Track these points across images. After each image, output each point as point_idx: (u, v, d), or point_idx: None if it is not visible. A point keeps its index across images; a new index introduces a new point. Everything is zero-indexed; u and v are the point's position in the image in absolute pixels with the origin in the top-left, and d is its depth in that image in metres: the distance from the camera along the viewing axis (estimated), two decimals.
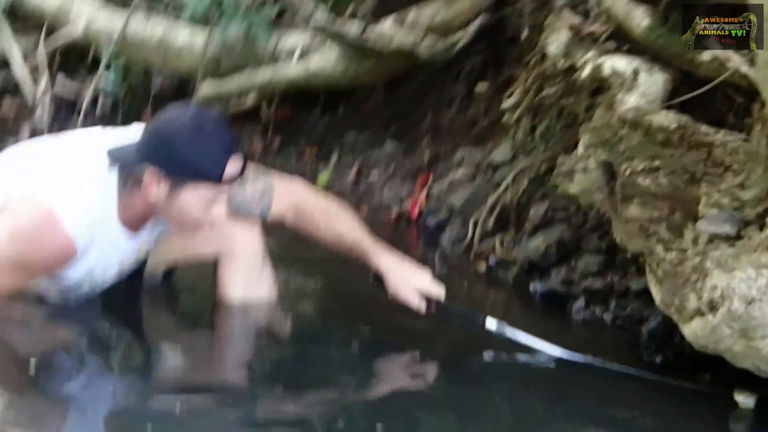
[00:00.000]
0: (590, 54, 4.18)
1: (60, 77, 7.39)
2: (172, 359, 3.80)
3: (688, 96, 3.80)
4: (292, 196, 3.85)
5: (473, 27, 5.69)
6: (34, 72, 7.36)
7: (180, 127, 3.41)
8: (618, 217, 3.61)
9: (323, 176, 6.11)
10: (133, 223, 3.61)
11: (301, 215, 3.83)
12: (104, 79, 7.02)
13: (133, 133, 3.59)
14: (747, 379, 3.27)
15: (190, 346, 3.89)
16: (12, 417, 3.08)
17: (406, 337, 3.87)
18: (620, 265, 4.26)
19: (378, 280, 3.76)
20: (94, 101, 7.12)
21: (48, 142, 3.75)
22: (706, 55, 3.72)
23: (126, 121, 6.83)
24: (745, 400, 3.35)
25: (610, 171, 3.62)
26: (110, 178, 3.51)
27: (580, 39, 4.33)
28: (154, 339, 3.99)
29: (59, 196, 3.43)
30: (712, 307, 3.12)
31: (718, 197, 3.28)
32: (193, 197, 3.45)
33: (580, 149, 3.80)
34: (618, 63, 4.03)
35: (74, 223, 3.43)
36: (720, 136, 3.47)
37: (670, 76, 3.92)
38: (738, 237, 3.19)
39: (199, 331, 4.07)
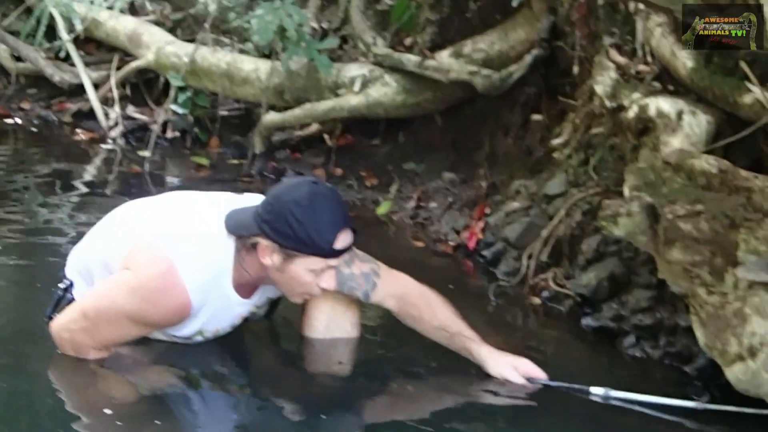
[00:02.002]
0: (636, 95, 4.21)
1: (130, 105, 7.57)
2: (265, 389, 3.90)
3: (731, 139, 3.83)
4: (397, 282, 3.97)
5: (528, 59, 5.76)
6: (106, 100, 7.56)
7: (294, 201, 3.53)
8: (662, 258, 3.65)
9: (384, 205, 6.17)
10: (245, 287, 3.77)
11: (405, 302, 3.94)
12: (173, 107, 7.15)
13: (251, 200, 3.76)
14: None
15: (280, 377, 4.00)
16: None
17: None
18: (670, 300, 4.28)
19: None
20: (164, 128, 7.26)
21: (174, 199, 3.91)
22: (748, 98, 3.75)
23: (193, 147, 7.08)
24: None
25: (653, 214, 3.64)
26: (228, 244, 3.66)
27: (626, 78, 4.37)
28: (254, 371, 4.07)
29: (182, 257, 3.57)
30: (752, 353, 3.18)
31: (757, 244, 3.30)
32: (304, 268, 3.60)
33: (626, 192, 3.84)
34: (663, 104, 4.07)
35: (193, 285, 3.57)
36: (759, 181, 3.48)
37: (714, 117, 3.96)
38: None
39: (289, 364, 4.16)
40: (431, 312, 3.90)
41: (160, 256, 3.56)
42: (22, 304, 4.38)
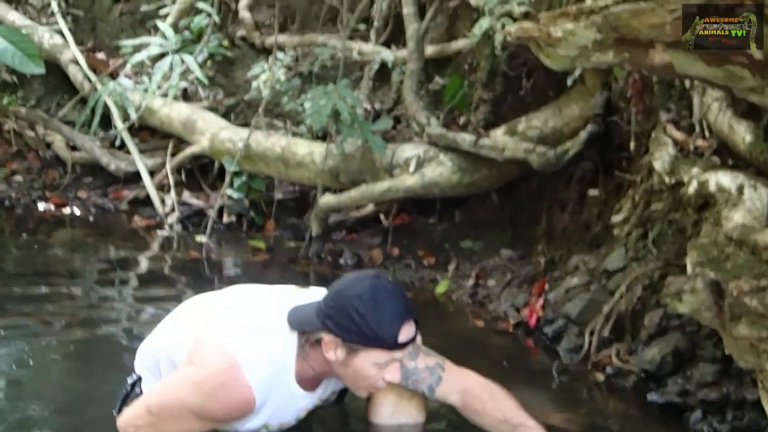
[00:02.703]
0: (695, 170, 4.21)
1: (186, 191, 7.66)
2: None
3: None
4: (461, 377, 3.97)
5: (583, 135, 5.77)
6: (162, 187, 7.66)
7: (356, 295, 3.57)
8: (728, 334, 3.63)
9: (442, 284, 6.17)
10: (309, 382, 3.79)
11: (469, 396, 3.93)
12: (228, 192, 7.22)
13: (313, 294, 3.80)
14: None
15: None
16: None
17: None
18: (736, 374, 4.27)
19: None
20: (220, 213, 7.33)
21: (237, 294, 3.96)
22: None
23: (250, 232, 7.14)
24: None
25: (718, 290, 3.62)
26: (291, 339, 3.70)
27: (685, 154, 4.38)
28: None
29: (245, 353, 3.60)
30: None
31: None
32: (368, 362, 3.62)
33: (689, 268, 3.83)
34: (723, 179, 4.07)
35: (256, 381, 3.59)
36: None
37: None
38: None
39: None
40: (495, 405, 3.89)
41: (224, 352, 3.60)
42: (87, 398, 4.40)
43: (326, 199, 6.71)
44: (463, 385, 3.93)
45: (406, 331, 3.59)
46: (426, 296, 6.10)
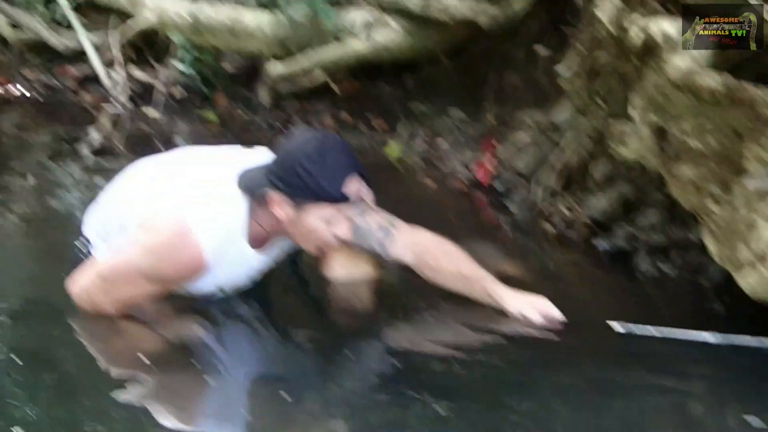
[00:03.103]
0: (638, 17, 4.22)
1: (133, 66, 7.61)
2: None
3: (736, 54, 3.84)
4: (415, 235, 3.99)
5: None
6: (110, 63, 7.60)
7: (302, 152, 3.60)
8: (672, 176, 3.70)
9: (393, 147, 6.23)
10: (261, 242, 3.83)
11: (424, 253, 3.94)
12: (178, 66, 7.18)
13: (260, 154, 3.84)
14: None
15: (303, 316, 4.11)
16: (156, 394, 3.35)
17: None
18: (681, 218, 4.35)
19: None
20: (170, 87, 7.33)
21: (182, 158, 3.98)
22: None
23: (201, 105, 7.13)
24: None
25: (661, 133, 3.69)
26: (241, 201, 3.73)
27: (628, 2, 4.38)
28: (277, 312, 4.15)
29: (196, 215, 3.63)
30: (763, 259, 3.23)
31: (763, 154, 3.33)
32: (316, 217, 3.66)
33: (633, 114, 3.88)
34: (665, 25, 4.08)
35: (207, 242, 3.63)
36: (763, 93, 3.51)
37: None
38: None
39: (312, 304, 4.26)
40: (450, 261, 3.91)
41: (175, 216, 3.63)
42: (42, 261, 4.47)
43: (275, 67, 6.70)
44: (416, 244, 3.96)
45: (352, 185, 3.63)
46: (378, 160, 6.14)
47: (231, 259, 3.76)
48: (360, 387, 3.44)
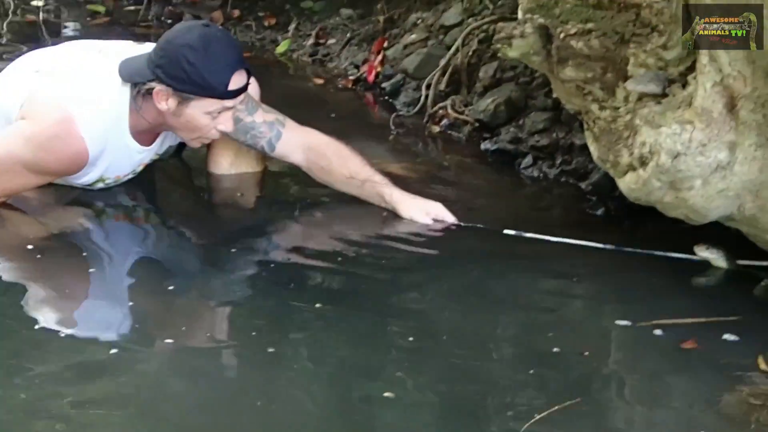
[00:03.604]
0: None
1: None
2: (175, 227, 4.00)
3: None
4: (303, 134, 3.96)
5: None
6: None
7: (186, 44, 3.57)
8: (556, 78, 3.73)
9: (283, 45, 6.18)
10: (144, 135, 3.81)
11: (314, 153, 3.92)
12: None
13: (146, 48, 3.76)
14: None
15: (188, 210, 4.12)
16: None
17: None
18: (565, 121, 4.42)
19: None
20: None
21: (68, 51, 3.92)
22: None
23: None
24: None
25: (546, 35, 3.70)
26: (123, 92, 3.70)
27: None
28: (161, 205, 4.16)
29: (78, 106, 3.60)
30: (643, 162, 3.28)
31: (645, 57, 3.37)
32: (200, 111, 3.64)
33: (519, 14, 3.89)
34: None
35: (89, 133, 3.61)
36: None
37: None
38: (664, 95, 3.30)
39: (196, 199, 4.27)
40: (340, 161, 3.90)
41: (56, 105, 3.60)
42: None
43: None
44: (305, 142, 3.94)
45: (237, 80, 3.61)
46: (267, 57, 6.12)
47: (113, 150, 3.74)
48: (242, 278, 3.47)
